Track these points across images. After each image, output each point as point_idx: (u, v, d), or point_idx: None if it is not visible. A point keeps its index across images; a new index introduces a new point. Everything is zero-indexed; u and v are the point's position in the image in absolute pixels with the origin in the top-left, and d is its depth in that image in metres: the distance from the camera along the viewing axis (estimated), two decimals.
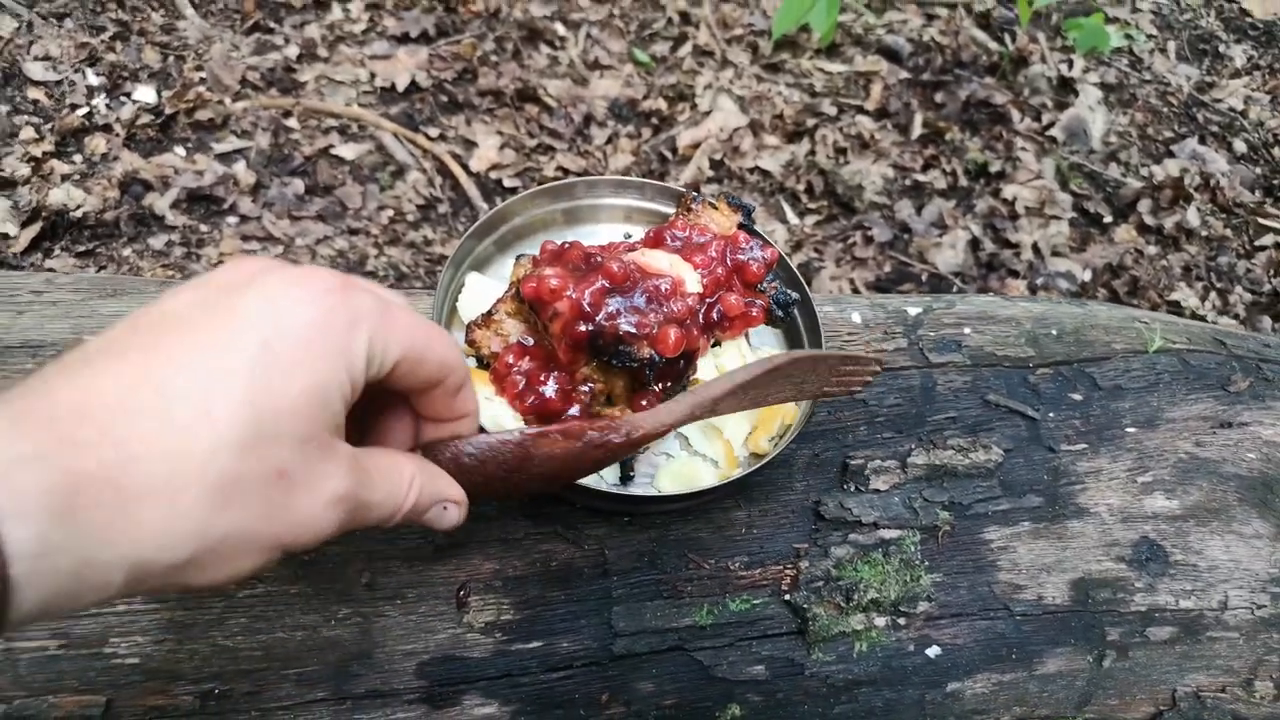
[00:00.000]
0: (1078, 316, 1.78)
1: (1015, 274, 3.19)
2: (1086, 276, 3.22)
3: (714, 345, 1.46)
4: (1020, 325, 1.73)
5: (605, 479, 1.40)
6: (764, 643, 1.38)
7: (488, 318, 1.41)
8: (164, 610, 1.26)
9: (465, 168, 3.09)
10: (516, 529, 1.37)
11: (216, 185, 2.91)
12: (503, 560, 1.35)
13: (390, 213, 2.87)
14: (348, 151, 3.00)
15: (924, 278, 3.13)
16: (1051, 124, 3.65)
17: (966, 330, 1.70)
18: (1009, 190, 3.38)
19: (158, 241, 2.77)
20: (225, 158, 3.02)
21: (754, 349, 1.51)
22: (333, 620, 1.28)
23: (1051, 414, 1.62)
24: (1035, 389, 1.64)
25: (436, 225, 2.96)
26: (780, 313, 1.46)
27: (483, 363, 1.43)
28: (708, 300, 1.42)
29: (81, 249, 2.71)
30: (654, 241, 1.48)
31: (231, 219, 2.87)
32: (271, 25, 3.32)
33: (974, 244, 3.23)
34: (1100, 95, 3.79)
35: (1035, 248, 3.25)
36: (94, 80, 3.14)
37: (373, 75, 3.25)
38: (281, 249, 2.80)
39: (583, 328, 1.30)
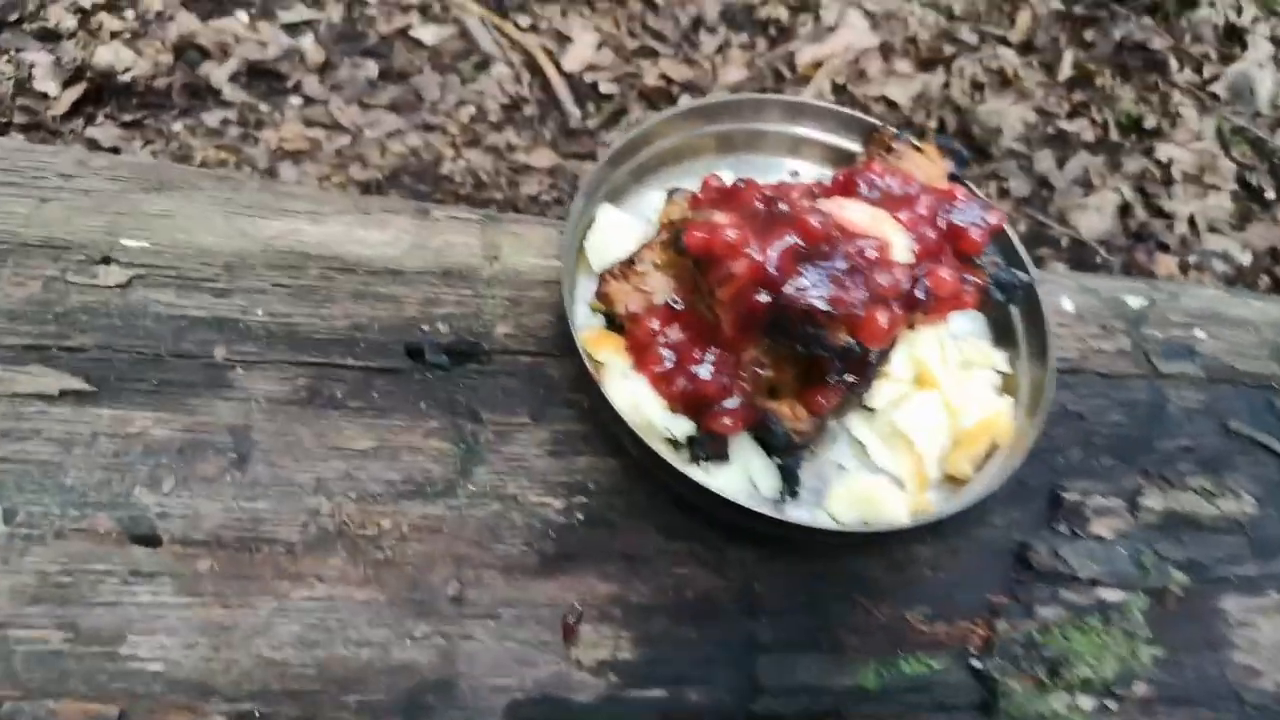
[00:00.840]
0: None
1: (1165, 248, 2.82)
2: (1246, 259, 2.84)
3: (908, 328, 1.14)
4: (1258, 331, 1.40)
5: (760, 489, 1.09)
6: (938, 716, 1.09)
7: (628, 267, 1.09)
8: (198, 605, 0.98)
9: (557, 65, 2.74)
10: (645, 543, 1.07)
11: (281, 60, 2.58)
12: (625, 583, 1.06)
13: (471, 110, 2.56)
14: (427, 34, 2.68)
15: (1064, 243, 2.76)
16: (1214, 78, 3.22)
17: (1198, 333, 1.36)
18: (1164, 151, 2.98)
19: (213, 118, 2.46)
20: (292, 29, 2.68)
21: (956, 340, 1.18)
22: (407, 639, 1.00)
23: None
24: None
25: (521, 129, 2.62)
26: (1000, 297, 1.13)
27: (614, 323, 1.11)
28: (914, 273, 1.08)
29: (128, 118, 2.41)
30: (843, 187, 1.15)
31: (295, 100, 2.54)
32: None
33: (1124, 209, 2.84)
34: (1271, 51, 3.34)
35: (1191, 220, 2.86)
36: None
37: None
38: (348, 139, 2.48)
39: (763, 298, 0.98)
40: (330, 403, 1.07)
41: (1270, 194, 3.02)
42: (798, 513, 1.09)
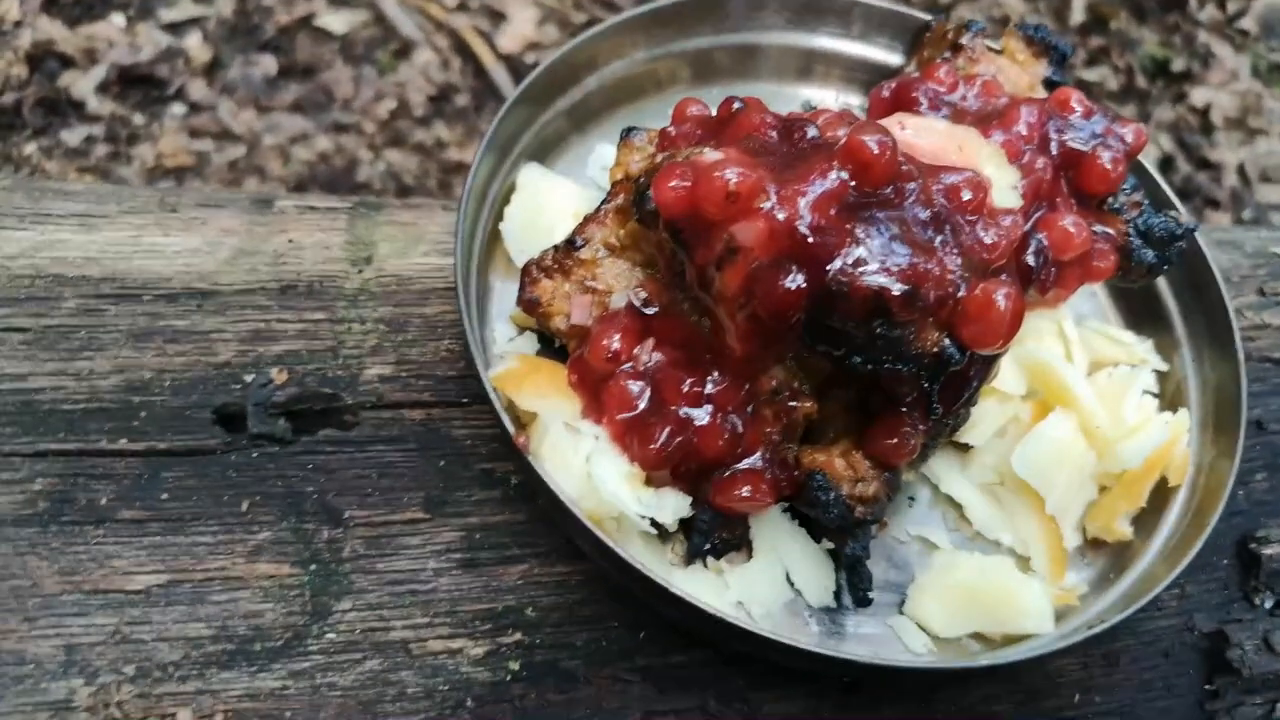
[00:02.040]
0: None
1: (1215, 204, 2.43)
2: None
3: None
4: None
5: (806, 595, 0.67)
6: None
7: (568, 254, 0.68)
8: None
9: (492, 46, 2.35)
10: (624, 705, 0.65)
11: (159, 62, 2.17)
12: None
13: (391, 104, 2.16)
14: (336, 22, 2.27)
15: None
16: (1241, 13, 2.85)
17: None
18: (1199, 95, 2.61)
19: (74, 136, 2.04)
20: (175, 28, 2.27)
21: (1081, 326, 0.77)
22: None
23: None
24: None
25: (453, 122, 2.21)
26: (1152, 255, 0.72)
27: (553, 344, 0.69)
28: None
29: None
30: (892, 106, 0.74)
31: (177, 108, 2.12)
32: None
33: (1164, 164, 2.45)
34: None
35: (1241, 170, 2.48)
36: None
37: None
38: (243, 149, 2.06)
39: (795, 283, 0.56)
40: (89, 515, 0.66)
41: None
42: (865, 625, 0.67)
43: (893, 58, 0.89)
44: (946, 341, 0.59)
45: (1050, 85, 0.81)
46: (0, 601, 0.63)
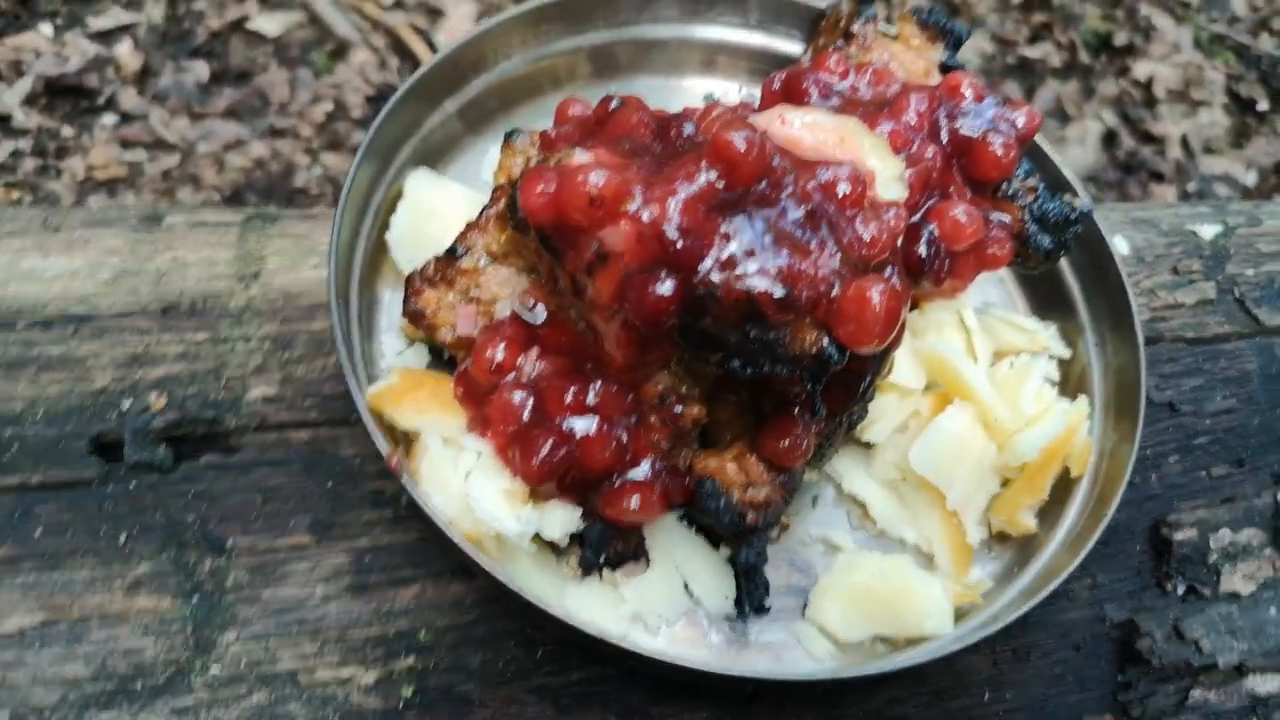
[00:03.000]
0: None
1: (1159, 177, 2.43)
2: (1251, 179, 2.48)
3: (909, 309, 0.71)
4: None
5: (705, 603, 0.66)
6: None
7: (449, 263, 0.67)
8: None
9: (430, 44, 2.32)
10: None
11: (88, 71, 2.14)
12: None
13: (328, 106, 2.15)
14: (269, 24, 2.25)
15: None
16: None
17: None
18: (1142, 68, 2.62)
19: (0, 151, 1.99)
20: (104, 36, 2.23)
21: (979, 317, 0.76)
22: None
23: None
24: None
25: None
26: (1048, 241, 0.71)
27: (441, 357, 0.68)
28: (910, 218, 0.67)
29: None
30: (783, 96, 0.72)
31: (108, 118, 2.09)
32: None
33: (1108, 138, 2.46)
34: None
35: (1184, 142, 2.48)
36: None
37: None
38: (176, 158, 2.02)
39: (666, 288, 0.55)
40: None
41: (1263, 104, 2.65)
42: (768, 633, 0.66)
43: (794, 47, 0.87)
44: (825, 341, 0.57)
45: (946, 69, 0.80)
46: None
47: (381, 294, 0.73)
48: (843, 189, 0.60)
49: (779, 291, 0.56)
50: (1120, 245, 0.94)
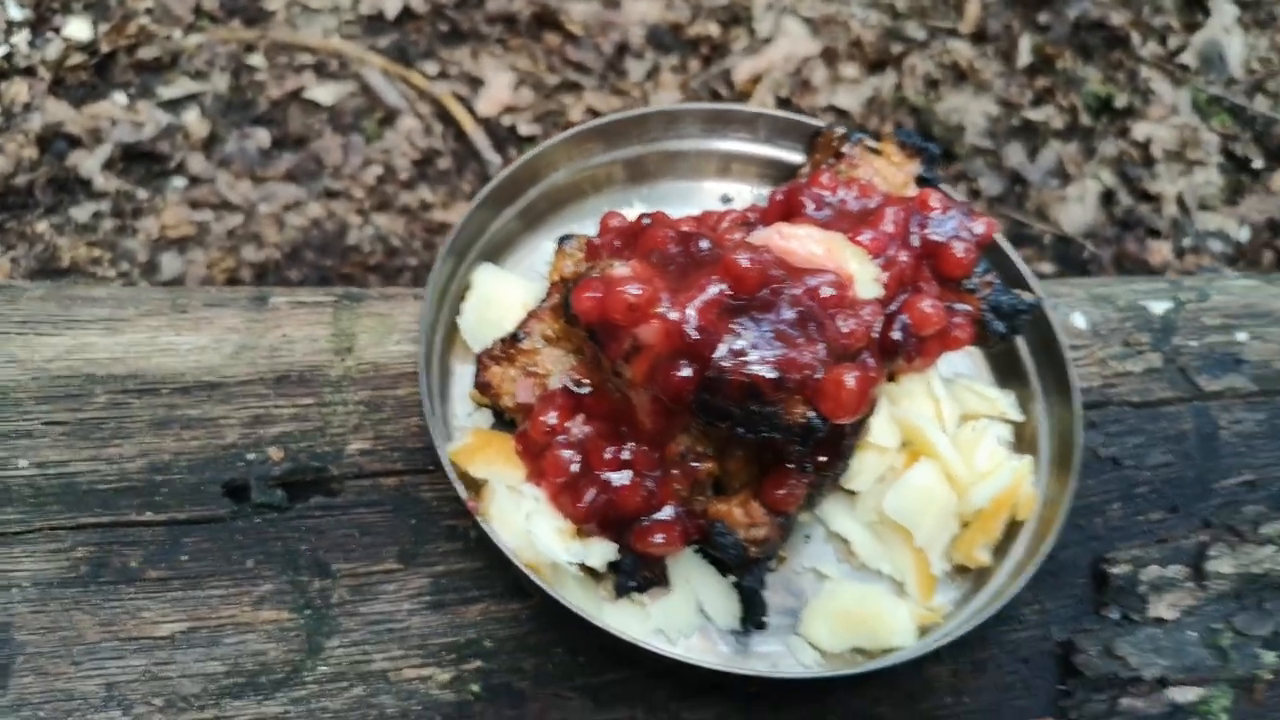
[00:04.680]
0: None
1: (1156, 233, 2.58)
2: (1244, 236, 2.61)
3: (887, 380, 0.87)
4: None
5: (716, 620, 0.81)
6: None
7: (512, 345, 0.83)
8: None
9: (471, 111, 2.50)
10: (565, 717, 0.79)
11: (160, 139, 2.33)
12: None
13: (378, 170, 2.32)
14: (324, 94, 2.44)
15: (1046, 240, 2.52)
16: (1181, 49, 3.00)
17: (1240, 336, 1.10)
18: (1141, 130, 2.76)
19: (83, 213, 2.19)
20: (173, 105, 2.42)
21: (948, 383, 0.92)
22: None
23: None
24: None
25: (436, 185, 2.36)
26: (1002, 327, 0.87)
27: (504, 419, 0.84)
28: (886, 310, 0.82)
29: None
30: (784, 209, 0.89)
31: (178, 181, 2.27)
32: None
33: (1106, 197, 2.61)
34: (1236, 13, 3.13)
35: (1180, 200, 2.63)
36: (15, 13, 2.56)
37: (356, 0, 2.64)
38: (240, 218, 2.21)
39: (686, 372, 0.71)
40: (122, 576, 0.79)
41: (1258, 163, 2.78)
42: (767, 645, 0.81)
43: (796, 157, 1.03)
44: (811, 414, 0.73)
45: (923, 181, 0.96)
46: (52, 650, 0.77)
47: (454, 366, 0.90)
48: (826, 292, 0.76)
49: (774, 376, 0.72)
50: (1078, 320, 1.09)
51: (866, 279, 0.80)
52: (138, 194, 2.24)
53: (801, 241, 0.80)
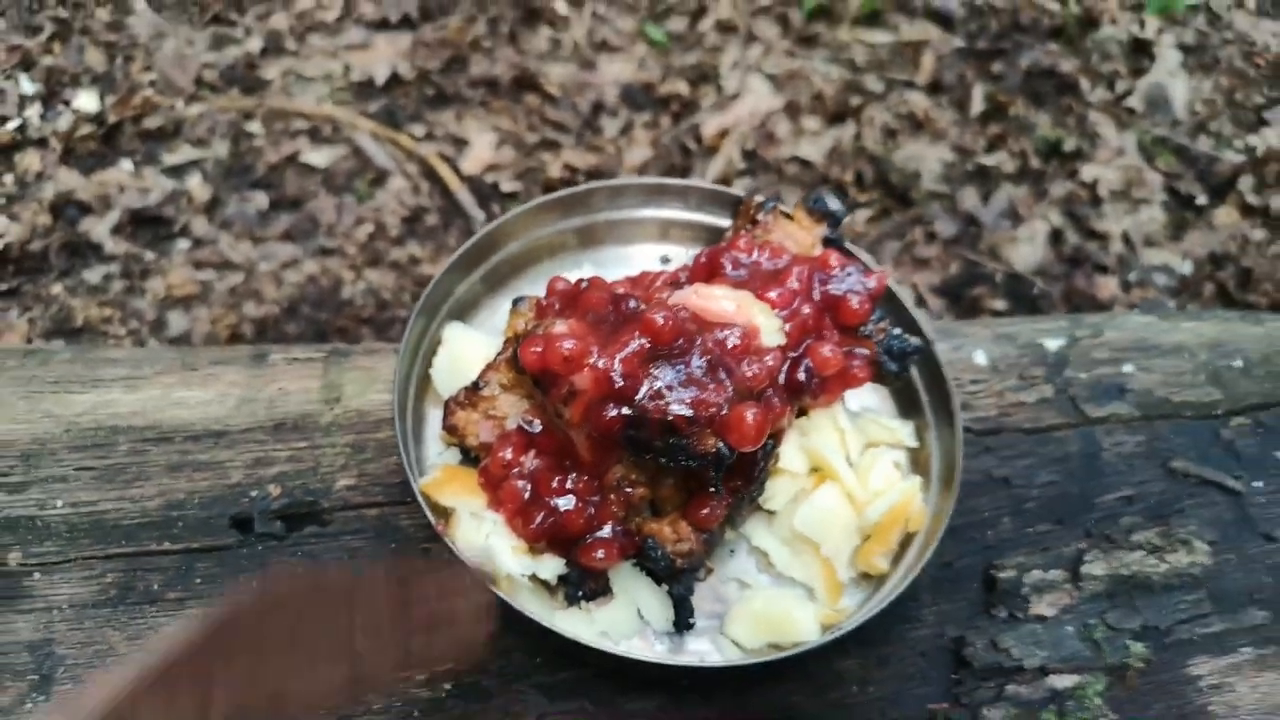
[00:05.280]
0: (1261, 339, 1.33)
1: (1104, 269, 2.73)
2: (1187, 269, 2.76)
3: (798, 415, 1.02)
4: (1194, 356, 1.28)
5: (652, 623, 0.95)
6: None
7: (474, 392, 0.97)
8: None
9: (456, 170, 2.66)
10: (524, 709, 0.93)
11: (165, 204, 2.49)
12: None
13: (369, 228, 2.48)
14: (318, 158, 2.60)
15: (999, 278, 2.67)
16: (1128, 93, 3.18)
17: (1127, 367, 1.25)
18: (1089, 171, 2.92)
19: (94, 275, 2.34)
20: (176, 171, 2.59)
21: (854, 417, 1.06)
22: None
23: (1259, 482, 1.17)
24: (1231, 447, 1.19)
25: (424, 240, 2.52)
26: (894, 367, 1.01)
27: (469, 456, 0.98)
28: (791, 354, 0.97)
29: (3, 287, 2.29)
30: (708, 269, 1.04)
31: (182, 243, 2.43)
32: (232, 16, 2.89)
33: (1055, 236, 2.77)
34: (1179, 58, 3.31)
35: (1125, 237, 2.79)
36: (28, 88, 2.73)
37: (347, 68, 2.82)
38: (241, 277, 2.37)
39: (614, 412, 0.86)
40: (145, 597, 0.93)
41: (1201, 199, 2.95)
42: (697, 644, 0.95)
43: (724, 221, 1.18)
44: (720, 445, 0.88)
45: (829, 242, 1.11)
46: (87, 661, 0.90)
47: (427, 412, 1.04)
48: (732, 342, 0.90)
49: (687, 414, 0.86)
50: (979, 358, 1.24)
51: (771, 329, 0.94)
52: (145, 256, 2.39)
53: (715, 300, 0.95)
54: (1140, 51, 3.33)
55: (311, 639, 0.65)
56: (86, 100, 2.76)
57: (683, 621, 0.94)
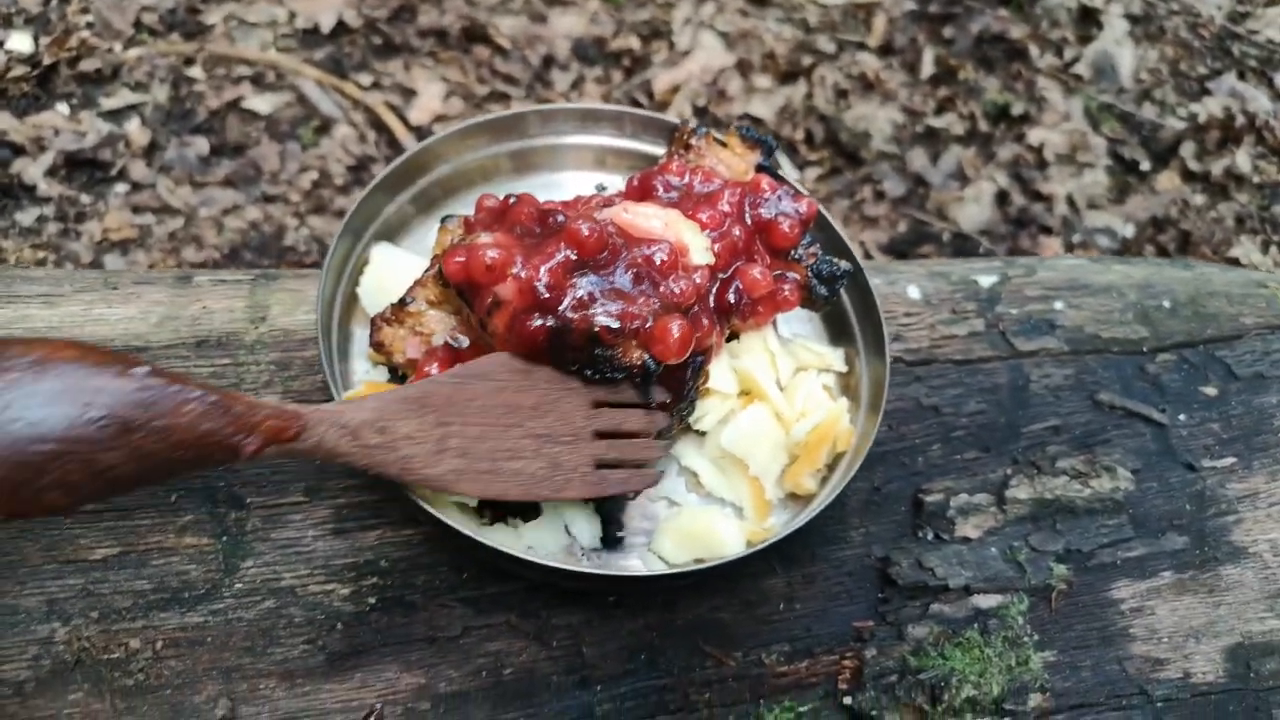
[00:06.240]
0: (1189, 282, 1.36)
1: (1048, 230, 2.77)
2: (1129, 231, 2.80)
3: (729, 339, 1.02)
4: (1124, 296, 1.30)
5: (580, 540, 0.95)
6: None
7: (401, 309, 0.96)
8: None
9: (404, 120, 2.63)
10: (452, 621, 0.93)
11: (102, 147, 2.43)
12: (431, 670, 0.91)
13: (314, 175, 2.42)
14: (262, 104, 2.55)
15: (945, 237, 2.70)
16: (1075, 60, 3.22)
17: (1058, 305, 1.27)
18: (1035, 135, 2.95)
19: (27, 217, 2.29)
20: (115, 115, 2.53)
21: (785, 342, 1.07)
22: None
23: (1182, 415, 1.19)
24: (1156, 381, 1.21)
25: None
26: (824, 290, 1.01)
27: (397, 374, 0.97)
28: (721, 275, 0.97)
29: None
30: (640, 192, 1.03)
31: (120, 187, 2.38)
32: None
33: (1001, 197, 2.79)
34: (1127, 27, 3.35)
35: (1070, 200, 2.82)
36: None
37: (292, 15, 2.77)
38: (181, 221, 2.32)
39: (539, 322, 0.86)
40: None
41: (1145, 165, 2.99)
42: (625, 560, 0.95)
43: (659, 149, 1.18)
44: (645, 357, 0.87)
45: (761, 169, 1.10)
46: (1, 572, 0.89)
47: (354, 331, 1.03)
48: (659, 258, 0.90)
49: (613, 325, 0.86)
50: (913, 292, 1.25)
51: (699, 248, 0.94)
52: (81, 199, 2.34)
53: (644, 217, 0.94)
54: (1088, 19, 3.37)
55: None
56: (19, 41, 2.68)
57: (610, 536, 0.94)
